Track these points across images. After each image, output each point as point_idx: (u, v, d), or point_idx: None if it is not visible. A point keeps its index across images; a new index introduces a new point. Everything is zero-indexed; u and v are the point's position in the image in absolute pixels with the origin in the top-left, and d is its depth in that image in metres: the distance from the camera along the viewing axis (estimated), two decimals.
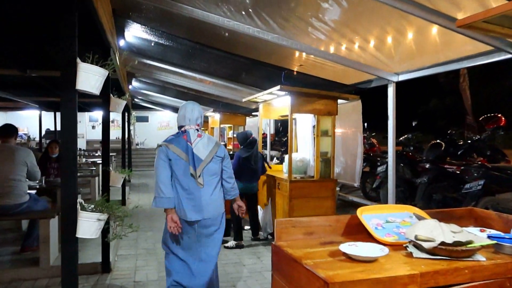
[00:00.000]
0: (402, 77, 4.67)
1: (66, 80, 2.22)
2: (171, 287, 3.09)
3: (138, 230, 6.67)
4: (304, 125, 5.75)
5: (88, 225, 2.30)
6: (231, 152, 7.92)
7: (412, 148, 8.18)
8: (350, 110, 5.59)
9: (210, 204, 3.05)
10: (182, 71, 7.00)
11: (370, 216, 2.40)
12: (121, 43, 5.31)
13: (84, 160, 10.28)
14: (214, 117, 10.33)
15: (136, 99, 14.96)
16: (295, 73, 5.28)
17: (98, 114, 20.15)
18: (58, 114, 15.95)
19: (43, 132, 16.45)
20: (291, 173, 5.27)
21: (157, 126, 21.63)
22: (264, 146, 11.08)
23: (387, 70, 4.64)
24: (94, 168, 10.01)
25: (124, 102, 4.61)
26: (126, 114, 14.23)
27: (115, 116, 16.98)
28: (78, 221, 2.29)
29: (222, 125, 9.97)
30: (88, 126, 20.60)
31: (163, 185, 2.96)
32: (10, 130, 4.57)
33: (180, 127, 3.16)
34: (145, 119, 21.28)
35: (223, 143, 10.56)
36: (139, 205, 8.90)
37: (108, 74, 2.45)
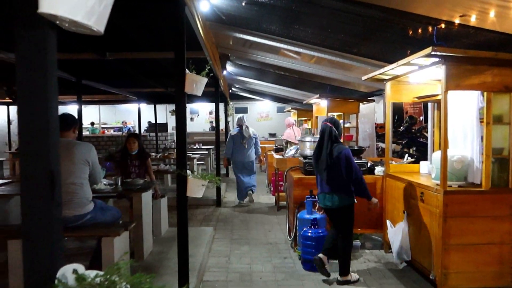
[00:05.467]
0: None
1: None
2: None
3: (232, 242, 5.54)
4: (458, 108, 3.90)
5: None
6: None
7: None
8: None
9: (248, 155, 7.88)
10: (283, 46, 5.60)
11: None
12: (204, 6, 4.06)
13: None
14: (320, 104, 8.71)
15: (234, 88, 14.05)
16: (453, 28, 3.48)
17: (198, 106, 19.94)
18: (158, 107, 15.92)
19: (144, 125, 16.60)
20: (445, 179, 3.52)
21: (256, 117, 20.71)
22: (378, 138, 9.25)
23: None
24: (189, 163, 9.21)
25: (205, 80, 3.34)
26: (224, 104, 13.46)
27: (214, 107, 16.44)
28: None
29: (330, 114, 8.35)
30: (189, 118, 20.51)
31: (229, 149, 7.88)
32: (66, 121, 3.61)
33: (238, 125, 7.93)
34: (244, 110, 20.48)
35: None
36: (235, 207, 7.80)
37: None
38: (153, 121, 15.14)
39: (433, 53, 3.26)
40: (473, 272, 3.56)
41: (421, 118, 12.03)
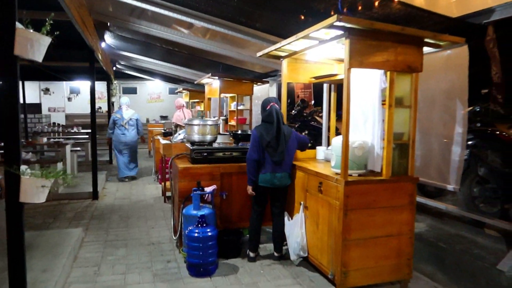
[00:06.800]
0: None
1: None
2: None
3: (105, 245, 4.62)
4: (359, 89, 3.57)
5: None
6: (230, 131, 5.77)
7: (479, 124, 6.09)
8: (443, 64, 3.43)
9: (129, 136, 8.20)
10: (170, 13, 4.78)
11: None
12: None
13: (45, 139, 8.08)
14: (212, 84, 8.08)
15: (118, 66, 12.62)
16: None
17: (80, 84, 17.74)
18: (28, 84, 13.68)
19: None
20: (346, 168, 3.15)
21: (147, 98, 19.25)
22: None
23: None
24: (60, 150, 7.85)
25: (47, 40, 2.42)
26: (107, 83, 11.97)
27: (98, 87, 14.67)
28: None
29: (222, 95, 7.75)
30: (66, 98, 18.16)
31: (110, 130, 8.24)
32: None
33: (120, 106, 8.48)
34: (133, 91, 18.89)
35: (224, 117, 8.37)
36: (115, 199, 6.81)
37: None
38: (21, 101, 12.94)
39: (337, 23, 2.81)
40: (372, 268, 3.29)
41: (312, 102, 12.18)
